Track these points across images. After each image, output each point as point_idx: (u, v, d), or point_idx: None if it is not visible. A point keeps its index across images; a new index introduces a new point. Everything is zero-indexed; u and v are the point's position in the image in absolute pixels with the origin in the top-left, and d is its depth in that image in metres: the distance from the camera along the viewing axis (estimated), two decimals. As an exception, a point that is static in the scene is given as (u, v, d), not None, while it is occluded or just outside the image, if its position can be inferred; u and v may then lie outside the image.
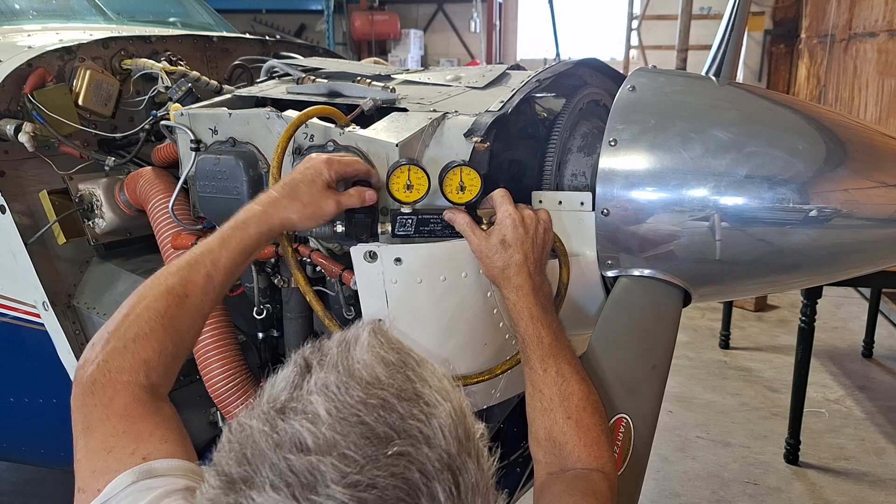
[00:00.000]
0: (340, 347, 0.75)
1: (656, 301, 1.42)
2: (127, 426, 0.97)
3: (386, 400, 0.68)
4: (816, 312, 3.46)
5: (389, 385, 0.70)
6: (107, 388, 1.00)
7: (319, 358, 0.74)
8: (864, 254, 1.42)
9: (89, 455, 0.95)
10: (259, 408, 0.71)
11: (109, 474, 0.90)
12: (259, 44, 2.43)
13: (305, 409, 0.67)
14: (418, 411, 0.68)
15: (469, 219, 1.33)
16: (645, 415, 1.33)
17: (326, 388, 0.69)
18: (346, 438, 0.65)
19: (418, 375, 0.73)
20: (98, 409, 0.99)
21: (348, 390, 0.68)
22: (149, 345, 1.06)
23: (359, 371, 0.71)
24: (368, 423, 0.66)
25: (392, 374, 0.71)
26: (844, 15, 7.04)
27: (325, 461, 0.64)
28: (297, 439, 0.66)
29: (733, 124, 1.38)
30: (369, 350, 0.73)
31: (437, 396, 0.71)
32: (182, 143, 1.67)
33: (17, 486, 3.35)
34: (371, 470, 0.64)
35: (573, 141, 1.56)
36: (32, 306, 1.87)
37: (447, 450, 0.68)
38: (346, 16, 13.43)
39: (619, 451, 1.29)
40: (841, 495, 3.35)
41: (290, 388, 0.71)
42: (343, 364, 0.72)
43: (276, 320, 1.71)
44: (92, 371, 1.02)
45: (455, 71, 1.79)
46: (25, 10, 2.49)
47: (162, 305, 1.09)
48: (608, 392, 1.34)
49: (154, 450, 0.94)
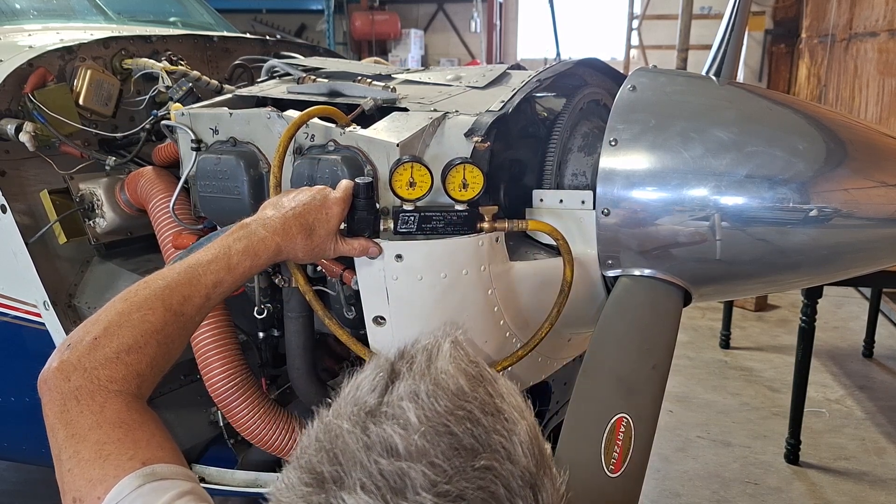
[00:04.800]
0: (424, 356, 0.75)
1: (657, 301, 1.42)
2: (122, 434, 0.94)
3: (472, 412, 0.69)
4: (817, 312, 3.46)
5: (474, 398, 0.70)
6: (95, 395, 0.96)
7: (406, 365, 0.74)
8: (865, 253, 1.42)
9: (82, 464, 0.91)
10: (345, 408, 0.71)
11: (108, 481, 0.89)
12: (259, 43, 2.43)
13: (396, 415, 0.68)
14: (500, 426, 0.69)
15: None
16: (645, 415, 1.33)
17: (416, 395, 0.69)
18: (436, 448, 0.66)
19: (496, 391, 0.73)
20: (86, 416, 0.94)
21: (437, 399, 0.69)
22: (143, 358, 1.02)
23: (444, 381, 0.71)
24: (457, 434, 0.67)
25: (474, 387, 0.72)
26: (845, 15, 7.04)
27: (416, 468, 0.65)
28: (388, 444, 0.66)
29: (733, 124, 1.38)
30: (452, 361, 0.74)
31: (515, 413, 0.72)
32: (183, 143, 1.67)
33: (17, 486, 3.35)
34: (459, 481, 0.65)
35: (574, 140, 1.56)
36: (33, 306, 1.87)
37: (527, 467, 0.68)
38: (346, 15, 13.42)
39: (620, 451, 1.28)
40: (841, 495, 3.35)
41: (378, 392, 0.71)
42: (430, 373, 0.72)
43: (277, 320, 1.71)
44: (76, 378, 0.96)
45: (455, 71, 1.79)
46: (26, 9, 2.49)
47: (159, 321, 1.05)
48: (609, 392, 1.33)
49: (152, 455, 0.92)
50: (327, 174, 1.42)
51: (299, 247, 1.24)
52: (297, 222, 1.23)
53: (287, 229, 1.22)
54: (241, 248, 1.18)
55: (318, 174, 1.43)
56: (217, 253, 1.16)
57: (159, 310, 1.06)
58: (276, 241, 1.21)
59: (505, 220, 1.38)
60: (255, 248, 1.19)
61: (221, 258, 1.15)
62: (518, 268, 1.45)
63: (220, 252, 1.16)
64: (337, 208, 1.28)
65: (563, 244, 1.40)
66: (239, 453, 1.89)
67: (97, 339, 1.00)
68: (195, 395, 1.83)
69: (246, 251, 1.18)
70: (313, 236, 1.25)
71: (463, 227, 1.36)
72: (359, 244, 1.32)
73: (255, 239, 1.19)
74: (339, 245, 1.31)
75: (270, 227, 1.21)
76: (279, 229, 1.21)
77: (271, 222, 1.22)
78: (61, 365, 0.98)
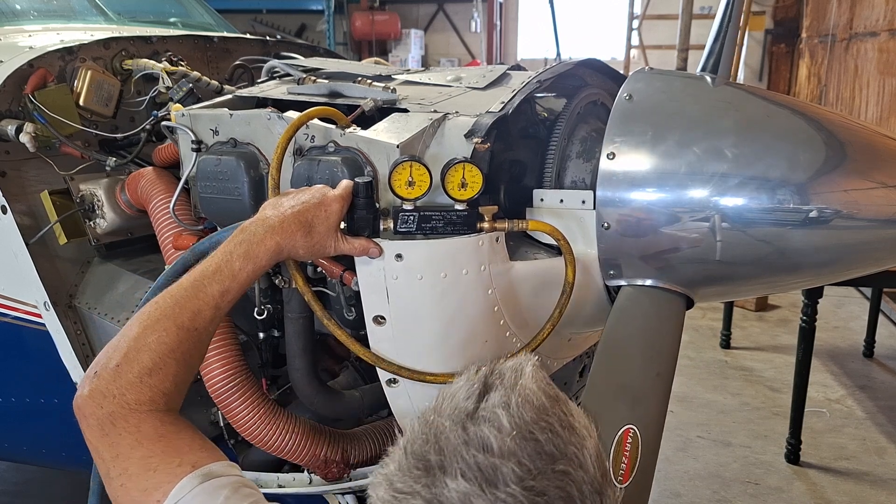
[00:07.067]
0: (511, 374, 0.86)
1: (660, 308, 1.43)
2: (164, 446, 1.02)
3: (552, 425, 0.80)
4: (817, 312, 3.46)
5: (553, 413, 0.82)
6: (129, 417, 1.03)
7: (497, 379, 0.85)
8: (865, 254, 1.42)
9: (133, 479, 0.99)
10: (445, 409, 0.82)
11: (163, 487, 0.97)
12: (260, 44, 2.43)
13: (491, 419, 0.79)
14: (574, 440, 0.80)
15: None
16: (651, 423, 1.33)
17: (508, 405, 0.80)
18: (523, 450, 0.77)
19: (569, 410, 0.84)
20: (125, 437, 1.02)
21: (525, 410, 0.80)
22: (166, 378, 1.07)
23: (529, 396, 0.82)
24: (540, 441, 0.78)
25: (552, 404, 0.83)
26: (845, 14, 7.03)
27: (507, 465, 0.76)
28: (484, 442, 0.77)
29: (732, 129, 1.38)
30: (534, 381, 0.84)
31: (584, 431, 0.83)
32: (183, 144, 1.67)
33: (18, 486, 3.35)
34: (542, 480, 0.76)
35: (572, 147, 1.56)
36: (34, 306, 1.87)
37: (595, 477, 0.80)
38: (346, 16, 13.42)
39: (628, 462, 1.28)
40: (842, 495, 3.35)
41: (474, 399, 0.82)
42: (518, 388, 0.83)
43: (278, 320, 1.71)
44: (108, 405, 1.03)
45: (456, 71, 1.78)
46: (26, 10, 2.49)
47: (174, 340, 1.09)
48: (615, 403, 1.34)
49: (199, 458, 1.00)
50: (327, 175, 1.42)
51: (299, 244, 1.24)
52: (296, 220, 1.24)
53: (286, 227, 1.23)
54: (243, 252, 1.19)
55: (317, 175, 1.43)
56: (219, 262, 1.18)
57: (172, 330, 1.10)
58: (275, 239, 1.21)
59: (505, 220, 1.38)
60: (255, 251, 1.20)
61: (224, 267, 1.17)
62: (518, 268, 1.45)
63: (223, 260, 1.18)
64: (336, 205, 1.29)
65: (564, 244, 1.40)
66: (239, 454, 1.89)
67: (119, 365, 1.06)
68: (195, 395, 1.83)
69: (247, 255, 1.19)
70: (313, 233, 1.25)
71: (463, 227, 1.36)
72: (359, 244, 1.33)
73: (255, 240, 1.20)
74: (340, 243, 1.31)
75: (269, 227, 1.22)
76: (278, 228, 1.22)
77: (270, 221, 1.23)
78: (92, 393, 1.04)
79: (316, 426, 1.68)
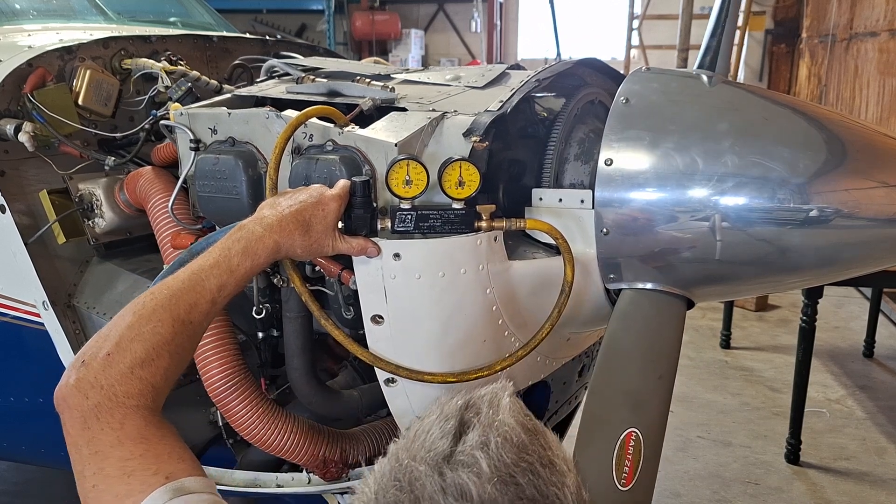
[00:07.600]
0: (488, 408, 0.82)
1: (660, 311, 1.43)
2: (144, 449, 0.96)
3: (532, 465, 0.77)
4: (817, 312, 3.46)
5: (533, 451, 0.78)
6: (114, 412, 0.98)
7: (473, 415, 0.81)
8: (866, 254, 1.41)
9: (108, 480, 0.94)
10: (419, 452, 0.78)
11: (135, 496, 0.91)
12: (259, 43, 2.43)
13: (469, 463, 0.75)
14: (555, 479, 0.77)
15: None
16: (653, 425, 1.33)
17: (486, 445, 0.76)
18: (503, 496, 0.73)
19: (547, 443, 0.81)
20: (108, 433, 0.97)
21: (504, 451, 0.76)
22: (157, 371, 1.04)
23: (508, 434, 0.78)
24: (521, 485, 0.74)
25: (532, 440, 0.79)
26: (845, 14, 7.03)
27: None
28: (462, 489, 0.73)
29: (731, 129, 1.38)
30: (511, 415, 0.81)
31: (564, 466, 0.80)
32: (182, 143, 1.67)
33: (18, 486, 3.36)
34: None
35: (570, 149, 1.56)
36: (32, 306, 1.87)
37: None
38: (346, 15, 13.42)
39: (630, 465, 1.28)
40: (842, 495, 3.35)
41: (450, 439, 0.78)
42: (495, 426, 0.79)
43: (276, 320, 1.71)
44: (94, 396, 0.98)
45: (455, 71, 1.78)
46: (26, 9, 2.49)
47: (169, 332, 1.06)
48: (617, 407, 1.34)
49: (175, 469, 0.95)
50: (325, 174, 1.42)
51: (297, 243, 1.25)
52: (294, 219, 1.24)
53: (284, 226, 1.23)
54: (241, 248, 1.19)
55: (315, 174, 1.43)
56: (218, 257, 1.17)
57: (167, 321, 1.07)
58: (273, 238, 1.21)
59: (503, 219, 1.38)
60: (254, 248, 1.20)
61: (222, 261, 1.17)
62: (517, 267, 1.45)
63: (221, 255, 1.17)
64: (334, 204, 1.29)
65: (562, 243, 1.40)
66: (238, 453, 1.88)
67: (110, 354, 1.01)
68: (194, 395, 1.83)
69: (245, 252, 1.19)
70: (311, 232, 1.26)
71: (461, 226, 1.36)
72: (357, 243, 1.33)
73: (254, 238, 1.20)
74: (338, 243, 1.31)
75: (267, 226, 1.22)
76: (276, 227, 1.22)
77: (268, 220, 1.23)
78: (78, 383, 0.99)
79: (315, 426, 1.68)
